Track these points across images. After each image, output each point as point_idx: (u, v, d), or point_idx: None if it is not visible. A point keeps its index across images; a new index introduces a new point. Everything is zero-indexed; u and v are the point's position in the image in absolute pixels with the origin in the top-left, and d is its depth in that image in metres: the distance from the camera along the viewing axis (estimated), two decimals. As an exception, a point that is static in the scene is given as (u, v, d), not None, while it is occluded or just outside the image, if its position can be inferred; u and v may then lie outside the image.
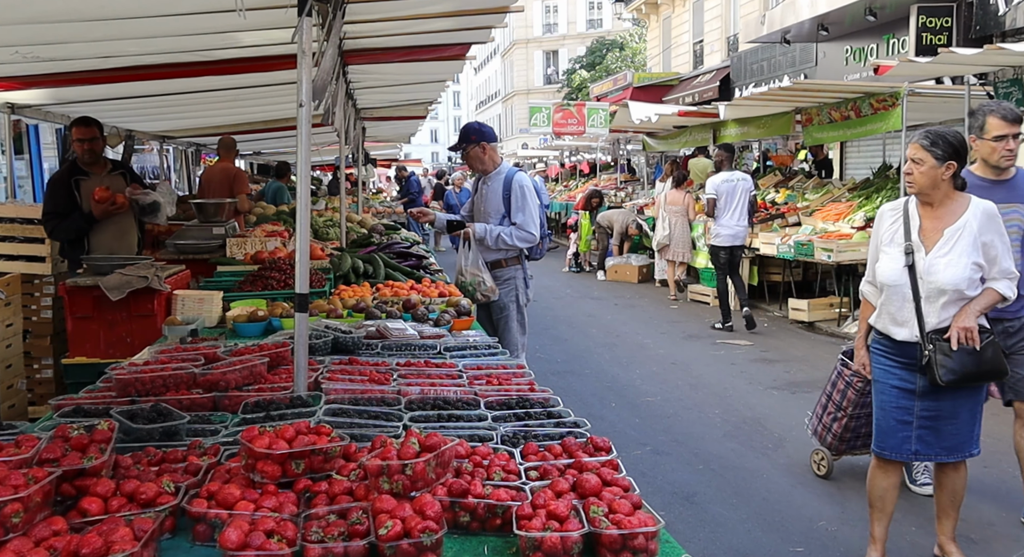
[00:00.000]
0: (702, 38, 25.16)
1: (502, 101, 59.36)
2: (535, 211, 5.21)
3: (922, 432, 3.72)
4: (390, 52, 5.53)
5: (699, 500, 4.94)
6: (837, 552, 4.25)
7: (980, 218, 3.60)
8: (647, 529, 1.86)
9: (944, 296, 3.58)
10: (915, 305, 3.63)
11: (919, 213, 3.72)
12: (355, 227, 8.24)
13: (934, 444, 3.73)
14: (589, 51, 41.23)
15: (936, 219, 3.68)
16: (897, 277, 3.67)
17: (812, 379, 7.68)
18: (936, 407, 3.68)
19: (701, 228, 12.51)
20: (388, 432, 2.52)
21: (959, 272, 3.55)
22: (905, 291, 3.66)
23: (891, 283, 3.69)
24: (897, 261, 3.69)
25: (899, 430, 3.75)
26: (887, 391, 3.79)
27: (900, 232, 3.74)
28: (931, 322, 3.62)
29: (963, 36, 12.14)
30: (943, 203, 3.67)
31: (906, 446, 3.76)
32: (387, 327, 4.03)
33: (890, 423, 3.78)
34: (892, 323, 3.74)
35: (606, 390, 7.45)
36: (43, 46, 4.52)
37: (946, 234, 3.62)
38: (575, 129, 20.78)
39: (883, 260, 3.77)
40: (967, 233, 3.59)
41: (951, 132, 3.67)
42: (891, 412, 3.77)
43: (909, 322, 3.66)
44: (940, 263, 3.59)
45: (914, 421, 3.72)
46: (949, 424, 3.70)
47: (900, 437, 3.76)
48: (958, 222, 3.63)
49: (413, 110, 9.10)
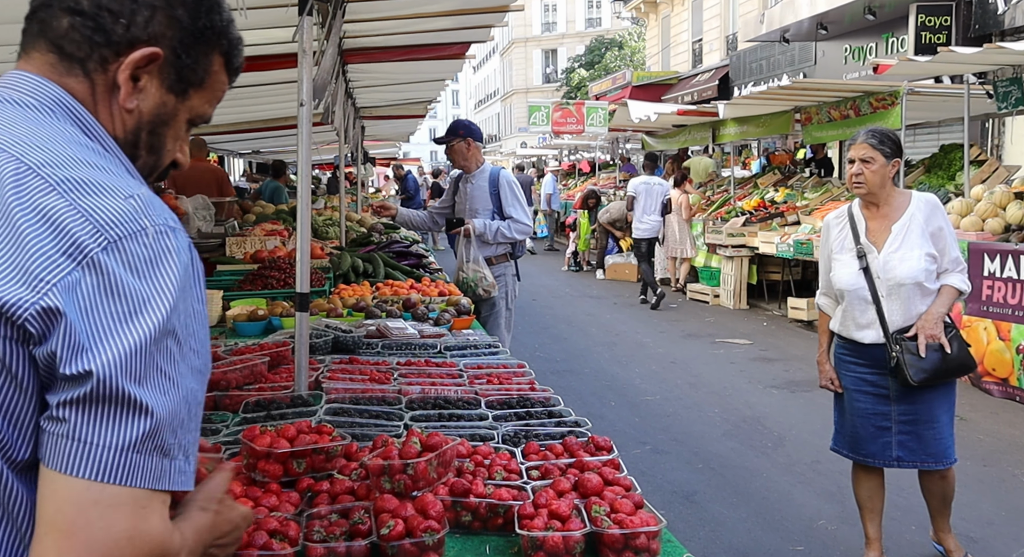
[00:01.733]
0: (701, 37, 25.17)
1: (501, 100, 59.35)
2: (525, 205, 5.46)
3: (903, 438, 3.69)
4: (389, 51, 5.52)
5: (699, 499, 4.94)
6: (837, 551, 4.25)
7: (924, 209, 3.64)
8: (649, 529, 1.86)
9: (903, 291, 3.61)
10: (876, 306, 3.65)
11: (864, 215, 3.77)
12: (354, 226, 8.24)
13: (918, 451, 3.69)
14: (588, 50, 41.23)
15: (882, 218, 3.72)
16: (854, 281, 3.69)
17: (811, 378, 7.68)
18: (913, 411, 3.66)
19: (700, 226, 12.53)
20: (389, 431, 2.52)
21: (915, 264, 3.58)
22: (864, 294, 3.68)
23: (849, 288, 3.71)
24: (851, 266, 3.72)
25: (879, 436, 3.72)
26: (861, 398, 3.76)
27: (849, 237, 3.78)
28: (895, 322, 3.63)
29: (962, 35, 12.16)
30: (887, 201, 3.71)
31: (887, 452, 3.72)
32: (387, 326, 4.03)
33: (868, 430, 3.75)
34: (856, 328, 3.74)
35: (605, 389, 7.45)
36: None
37: (894, 230, 3.66)
38: (574, 128, 20.80)
39: (836, 268, 3.79)
40: (915, 225, 3.63)
41: (890, 130, 3.75)
42: (869, 418, 3.74)
43: (873, 324, 3.67)
44: (894, 259, 3.62)
45: (892, 426, 3.70)
46: (929, 429, 3.67)
47: (880, 443, 3.72)
48: (904, 217, 3.67)
49: (412, 109, 9.09)
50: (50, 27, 1.17)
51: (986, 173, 9.52)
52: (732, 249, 11.43)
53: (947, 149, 10.54)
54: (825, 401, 6.91)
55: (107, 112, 1.19)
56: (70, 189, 1.02)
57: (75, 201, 1.01)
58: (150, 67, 1.19)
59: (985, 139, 12.64)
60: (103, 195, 1.03)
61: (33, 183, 1.01)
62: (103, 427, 0.96)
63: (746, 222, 11.62)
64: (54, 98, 1.15)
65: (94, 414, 0.96)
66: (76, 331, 0.96)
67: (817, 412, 6.67)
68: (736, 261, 11.46)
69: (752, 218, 11.66)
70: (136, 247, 1.01)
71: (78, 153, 1.08)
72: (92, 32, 1.16)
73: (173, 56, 1.21)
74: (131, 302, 0.99)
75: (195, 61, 1.24)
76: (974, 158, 9.72)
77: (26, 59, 1.20)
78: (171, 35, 1.20)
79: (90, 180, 1.03)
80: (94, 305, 0.98)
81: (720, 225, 11.99)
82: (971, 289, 3.80)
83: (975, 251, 7.11)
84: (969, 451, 5.59)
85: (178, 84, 1.24)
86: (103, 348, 0.97)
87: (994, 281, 6.89)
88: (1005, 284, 6.76)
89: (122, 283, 0.99)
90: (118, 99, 1.19)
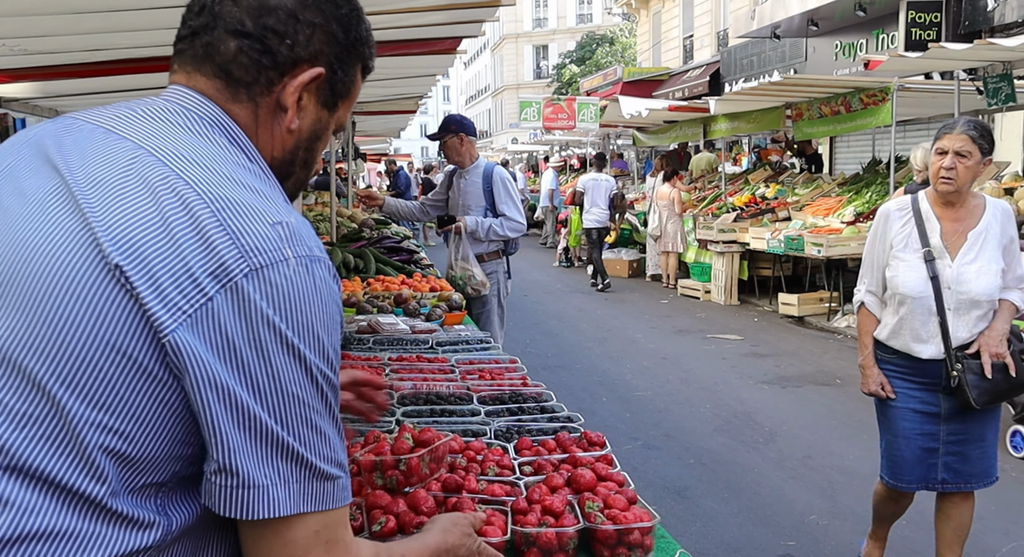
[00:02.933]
0: (692, 33, 25.18)
1: (492, 96, 59.29)
2: (519, 202, 5.43)
3: (950, 459, 3.35)
4: (380, 46, 5.48)
5: (690, 494, 4.95)
6: (828, 546, 4.27)
7: (1000, 217, 3.29)
8: (643, 524, 1.86)
9: (976, 308, 3.25)
10: (940, 319, 3.25)
11: (935, 214, 3.33)
12: (345, 222, 8.21)
13: (962, 471, 3.37)
14: (579, 46, 41.17)
15: (956, 220, 3.31)
16: (922, 288, 3.27)
17: (802, 374, 7.72)
18: (963, 430, 3.33)
19: (692, 222, 12.54)
20: (381, 427, 2.51)
21: (991, 280, 3.23)
22: (929, 304, 3.26)
23: (915, 295, 3.28)
24: (918, 270, 3.28)
25: (925, 459, 3.37)
26: (908, 417, 3.38)
27: (914, 235, 3.33)
28: (959, 338, 3.26)
29: (952, 31, 12.20)
30: (964, 202, 3.31)
31: (932, 475, 3.37)
32: (378, 322, 4.01)
33: (915, 453, 3.37)
34: (915, 340, 3.33)
35: (597, 385, 7.45)
36: (31, 39, 4.47)
37: (971, 237, 3.27)
38: (565, 124, 20.76)
39: (901, 269, 3.33)
40: (991, 236, 3.26)
41: (987, 124, 3.39)
42: (915, 440, 3.37)
43: (934, 338, 3.27)
44: (970, 271, 3.23)
45: (940, 448, 3.35)
46: (977, 448, 3.35)
47: (926, 466, 3.37)
48: (980, 224, 3.28)
49: (403, 104, 9.06)
50: (217, 51, 1.16)
51: (976, 169, 9.55)
52: (723, 245, 11.45)
53: (937, 145, 10.56)
54: (816, 396, 6.97)
55: (268, 134, 1.20)
56: (222, 208, 1.01)
57: (224, 221, 1.00)
58: (311, 85, 1.20)
59: (975, 135, 12.67)
60: (253, 219, 1.02)
61: (190, 197, 1.01)
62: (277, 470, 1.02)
63: (737, 218, 11.65)
64: (219, 121, 1.15)
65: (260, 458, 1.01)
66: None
67: (808, 407, 6.70)
68: (727, 257, 11.49)
69: (743, 214, 11.69)
70: (276, 277, 1.01)
71: (238, 174, 1.08)
72: (260, 55, 1.15)
73: (330, 72, 1.22)
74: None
75: (347, 74, 1.25)
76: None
77: (188, 77, 1.18)
78: (328, 52, 1.20)
79: (243, 201, 1.03)
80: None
81: (711, 221, 12.01)
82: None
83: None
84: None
85: (331, 98, 1.25)
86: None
87: (984, 277, 6.91)
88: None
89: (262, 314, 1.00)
90: (282, 121, 1.19)
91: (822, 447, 5.72)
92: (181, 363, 0.97)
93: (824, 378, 7.57)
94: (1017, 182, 8.63)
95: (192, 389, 0.98)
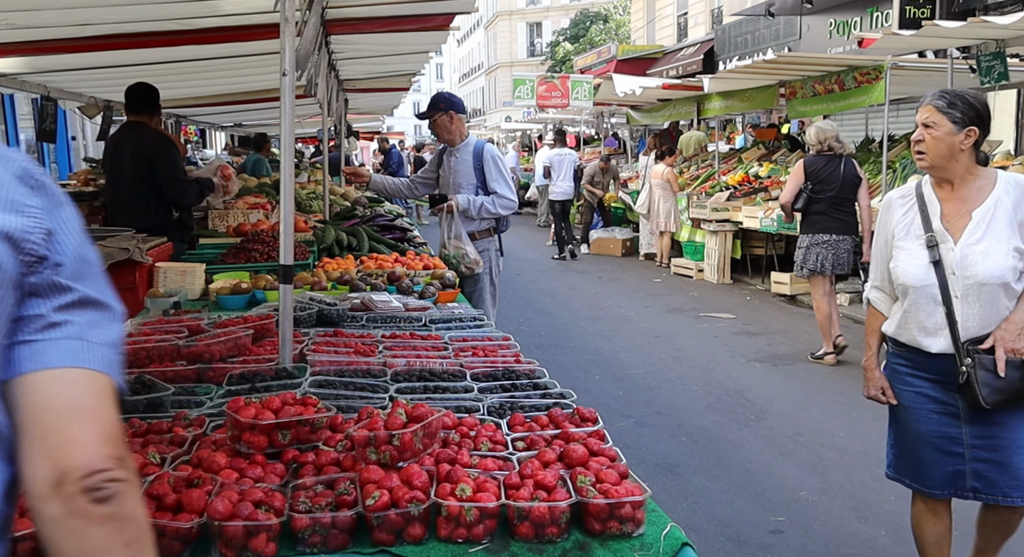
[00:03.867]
0: (686, 11, 25.05)
1: (485, 74, 58.94)
2: (510, 180, 5.42)
3: (980, 466, 3.02)
4: (373, 22, 5.45)
5: (682, 471, 4.99)
6: (818, 521, 4.31)
7: (1014, 193, 2.97)
8: (634, 498, 1.88)
9: (984, 292, 2.93)
10: (946, 309, 2.98)
11: (937, 196, 3.08)
12: (338, 200, 8.18)
13: (998, 481, 3.01)
14: (573, 23, 40.94)
15: (959, 201, 3.04)
16: (922, 276, 3.01)
17: (794, 352, 7.75)
18: (990, 434, 3.00)
19: (685, 201, 12.54)
20: (375, 403, 2.52)
21: (1001, 261, 2.91)
22: (933, 292, 2.99)
23: (915, 283, 3.02)
24: (919, 256, 3.03)
25: (947, 463, 3.07)
26: (924, 419, 3.10)
27: (917, 222, 3.09)
28: (970, 329, 2.96)
29: (946, 9, 12.17)
30: (965, 180, 3.04)
31: (960, 482, 3.06)
32: (372, 299, 4.02)
33: (934, 456, 3.08)
34: (922, 333, 3.06)
35: (590, 363, 7.48)
36: (18, 13, 4.42)
37: (975, 217, 2.98)
38: (559, 102, 20.72)
39: (901, 257, 3.09)
40: (1001, 212, 2.96)
41: (971, 93, 3.03)
42: (934, 442, 3.08)
43: (942, 330, 3.00)
44: (975, 252, 2.94)
45: (965, 452, 3.04)
46: (1017, 455, 2.99)
47: (949, 471, 3.07)
48: (987, 201, 2.98)
49: (396, 82, 9.00)
50: None
51: (968, 148, 9.55)
52: (716, 224, 11.46)
53: (930, 124, 10.55)
54: (807, 374, 7.01)
55: None
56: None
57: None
58: None
59: (968, 114, 12.67)
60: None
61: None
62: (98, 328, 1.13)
63: (730, 197, 11.64)
64: None
65: (87, 317, 1.12)
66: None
67: (799, 385, 6.74)
68: (720, 236, 11.50)
69: (736, 193, 11.69)
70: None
71: None
72: None
73: None
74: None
75: None
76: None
77: None
78: None
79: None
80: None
81: (704, 200, 12.01)
82: None
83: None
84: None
85: None
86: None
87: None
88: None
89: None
90: None
91: (812, 424, 5.77)
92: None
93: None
94: (1009, 161, 8.65)
95: None
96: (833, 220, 7.18)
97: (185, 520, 1.76)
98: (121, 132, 5.87)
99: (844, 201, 7.17)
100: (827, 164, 7.16)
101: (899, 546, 4.01)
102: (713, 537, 4.17)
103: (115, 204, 5.86)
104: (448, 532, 1.83)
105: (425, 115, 5.42)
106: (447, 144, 5.44)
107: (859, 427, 5.66)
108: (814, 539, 4.14)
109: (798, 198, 7.24)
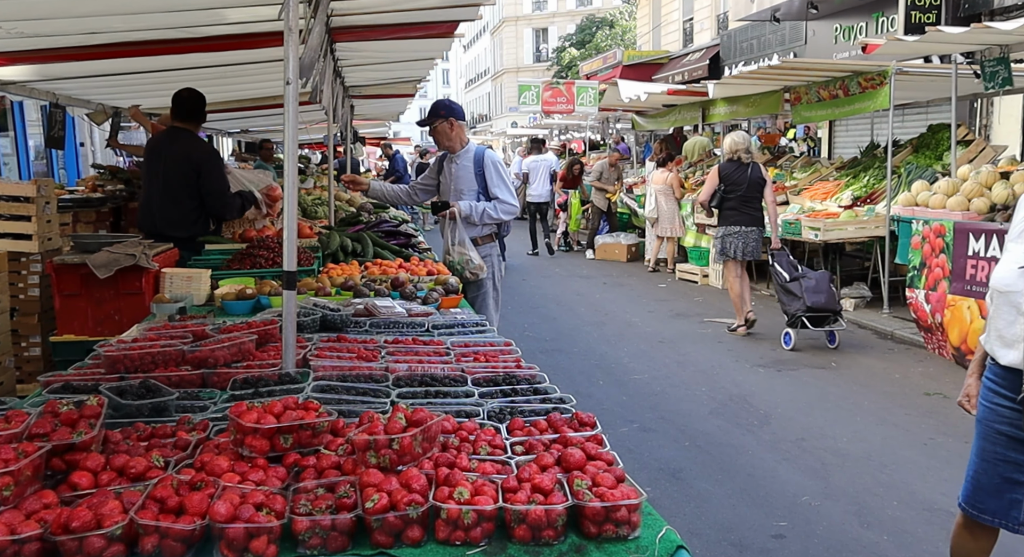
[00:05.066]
0: (692, 16, 25.08)
1: (491, 79, 59.06)
2: (511, 185, 5.46)
3: None
4: (378, 29, 5.50)
5: (685, 476, 5.00)
6: (820, 526, 4.32)
7: None
8: (629, 502, 1.89)
9: None
10: None
11: None
12: (343, 205, 8.23)
13: None
14: (579, 29, 41.02)
15: None
16: (1010, 281, 2.76)
17: (798, 358, 7.76)
18: None
19: (690, 206, 12.55)
20: (376, 408, 2.54)
21: None
22: (1017, 301, 2.72)
23: (1001, 288, 2.80)
24: (1016, 259, 2.78)
25: (1005, 490, 2.84)
26: (992, 437, 2.87)
27: None
28: None
29: (951, 15, 12.17)
30: None
31: (1013, 513, 2.84)
32: (375, 305, 4.04)
33: (993, 480, 2.87)
34: (999, 343, 2.82)
35: (594, 368, 7.50)
36: (28, 22, 4.48)
37: None
38: (564, 107, 20.69)
39: (1003, 258, 2.87)
40: None
41: None
42: (995, 465, 2.86)
43: (1020, 343, 2.72)
44: None
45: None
46: None
47: (1007, 500, 2.84)
48: None
49: (402, 88, 9.06)
50: None
51: (973, 153, 9.57)
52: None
53: (935, 129, 10.57)
54: (810, 379, 7.02)
55: None
56: None
57: None
58: None
59: (973, 119, 12.68)
60: None
61: None
62: None
63: (735, 202, 11.64)
64: None
65: None
66: None
67: (802, 390, 6.74)
68: (725, 241, 11.49)
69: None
70: None
71: None
72: None
73: None
74: None
75: None
76: (961, 138, 9.76)
77: None
78: None
79: None
80: None
81: (709, 205, 12.02)
82: None
83: (960, 231, 7.16)
84: (951, 428, 5.67)
85: None
86: None
87: (978, 260, 6.95)
88: (989, 263, 6.81)
89: None
90: None
91: (816, 429, 5.77)
92: None
93: (819, 362, 7.61)
94: (1014, 166, 8.64)
95: None
96: (742, 215, 8.54)
97: (187, 522, 1.79)
98: (166, 139, 5.69)
99: (752, 199, 8.53)
100: (737, 169, 8.52)
101: (901, 551, 4.02)
102: (715, 542, 4.18)
103: (149, 209, 5.63)
104: (446, 534, 1.86)
105: (425, 122, 5.45)
106: (447, 150, 5.47)
107: (862, 432, 5.66)
108: (816, 544, 4.15)
109: (714, 197, 8.65)
